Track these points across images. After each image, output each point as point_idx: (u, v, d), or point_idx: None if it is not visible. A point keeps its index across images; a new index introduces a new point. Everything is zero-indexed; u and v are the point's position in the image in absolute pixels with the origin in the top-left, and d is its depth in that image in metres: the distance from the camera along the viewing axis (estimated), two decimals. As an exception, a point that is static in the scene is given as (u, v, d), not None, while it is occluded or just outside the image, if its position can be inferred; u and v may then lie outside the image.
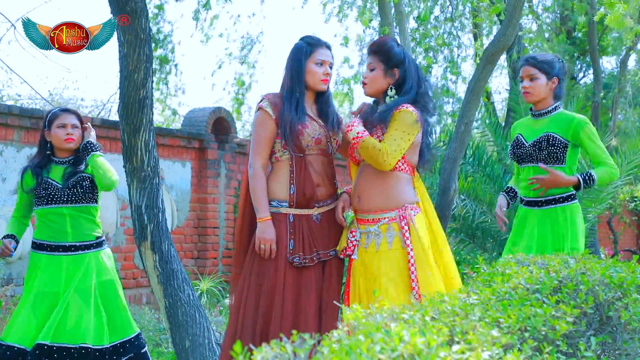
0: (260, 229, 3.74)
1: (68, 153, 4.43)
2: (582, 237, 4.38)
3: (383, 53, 3.78)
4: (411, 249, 3.62)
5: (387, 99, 3.78)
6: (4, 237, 4.37)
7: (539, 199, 4.39)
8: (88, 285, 4.30)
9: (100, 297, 4.32)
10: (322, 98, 3.94)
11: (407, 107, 3.67)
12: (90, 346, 4.20)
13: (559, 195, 4.36)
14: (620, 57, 15.57)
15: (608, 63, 18.02)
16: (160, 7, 9.57)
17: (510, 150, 4.57)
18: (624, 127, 15.40)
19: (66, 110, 4.47)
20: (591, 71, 15.13)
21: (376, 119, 3.71)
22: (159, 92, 10.67)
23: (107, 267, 4.42)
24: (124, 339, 4.36)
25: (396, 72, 3.77)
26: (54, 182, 4.33)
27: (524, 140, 4.46)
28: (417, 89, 3.76)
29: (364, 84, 3.85)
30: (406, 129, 3.63)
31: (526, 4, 11.66)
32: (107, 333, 4.29)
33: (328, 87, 3.95)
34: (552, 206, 4.36)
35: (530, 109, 4.56)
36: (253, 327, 3.69)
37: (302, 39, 3.94)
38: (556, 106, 4.47)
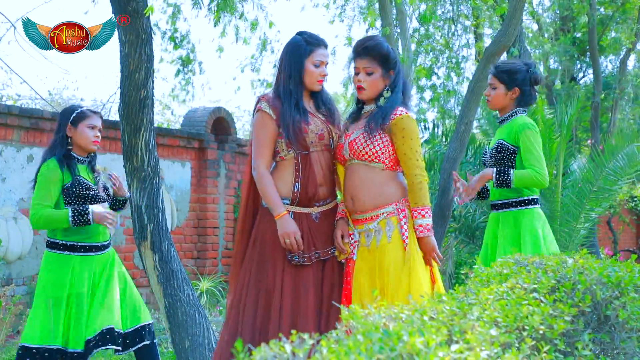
0: (281, 224, 3.70)
1: (85, 152, 4.43)
2: (545, 242, 4.33)
3: (381, 56, 3.77)
4: (407, 240, 3.67)
5: (382, 100, 3.80)
6: (77, 211, 4.18)
7: (496, 202, 4.46)
8: (110, 276, 4.37)
9: (121, 284, 4.40)
10: (317, 92, 3.94)
11: (405, 112, 3.74)
12: (118, 330, 4.26)
13: (512, 200, 4.39)
14: (620, 57, 15.58)
15: (609, 63, 18.01)
16: (176, 7, 9.56)
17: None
18: (624, 127, 15.40)
19: (96, 113, 4.45)
20: (591, 71, 15.13)
21: (376, 125, 3.73)
22: (184, 93, 10.70)
23: (118, 259, 4.51)
24: (145, 323, 4.41)
25: (392, 74, 3.79)
26: (90, 184, 4.33)
27: (487, 148, 4.59)
28: (404, 88, 3.82)
29: (361, 88, 3.80)
30: (414, 134, 3.75)
31: (526, 4, 11.65)
32: (129, 318, 4.36)
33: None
34: (507, 210, 4.41)
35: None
36: (253, 324, 3.70)
37: (299, 34, 3.90)
38: (513, 112, 4.48)
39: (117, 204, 4.54)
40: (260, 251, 3.77)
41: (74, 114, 4.35)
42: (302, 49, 3.82)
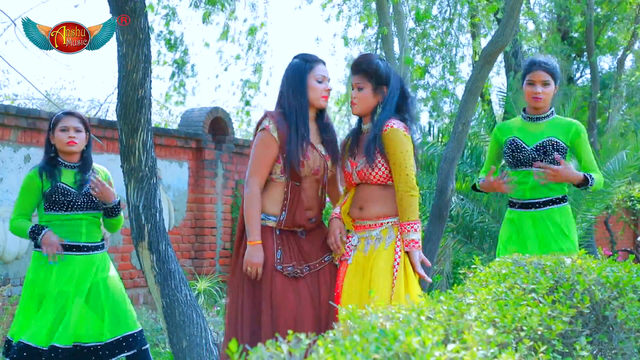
0: (249, 252, 3.72)
1: (75, 157, 4.41)
2: (577, 239, 4.40)
3: (371, 72, 3.78)
4: (400, 250, 3.68)
5: (375, 117, 3.81)
6: (34, 230, 4.27)
7: (535, 201, 4.38)
8: (94, 282, 4.32)
9: (105, 292, 4.34)
10: (322, 120, 3.93)
11: (391, 126, 3.72)
12: (91, 344, 4.23)
13: (554, 197, 4.37)
14: (617, 57, 15.59)
15: (605, 63, 18.03)
16: (172, 9, 9.57)
17: (506, 153, 4.49)
18: (621, 127, 15.41)
19: (69, 114, 4.43)
20: (588, 71, 15.14)
21: (373, 150, 3.72)
22: (177, 95, 10.74)
23: (110, 265, 4.46)
24: (128, 333, 4.37)
25: (384, 90, 3.80)
26: (71, 189, 4.32)
27: (523, 144, 4.42)
28: (400, 101, 3.81)
29: (353, 103, 3.84)
30: (405, 147, 3.70)
31: (524, 4, 11.67)
32: (110, 327, 4.30)
33: (325, 109, 3.95)
34: (549, 207, 4.36)
35: (524, 111, 4.55)
36: (251, 339, 3.68)
37: (297, 57, 3.92)
38: (552, 111, 4.49)
39: (107, 212, 4.42)
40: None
41: (51, 121, 4.40)
42: (302, 67, 3.84)
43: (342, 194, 4.01)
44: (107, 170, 4.67)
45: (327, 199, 4.10)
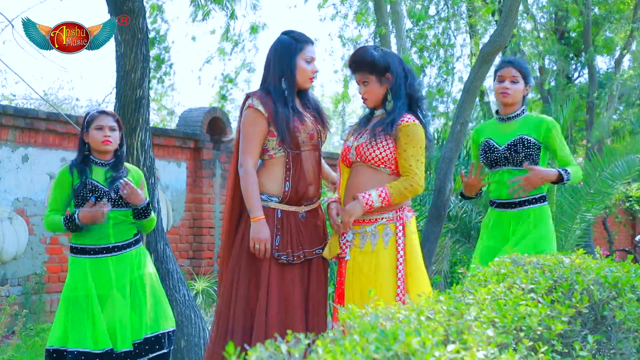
0: (255, 228, 3.68)
1: (108, 155, 4.38)
2: (554, 239, 4.38)
3: (368, 65, 3.76)
4: (402, 249, 3.66)
5: (387, 105, 3.80)
6: (67, 218, 4.23)
7: (513, 201, 4.37)
8: (131, 279, 4.30)
9: (142, 290, 4.31)
10: (303, 93, 3.92)
11: (411, 120, 3.72)
12: (130, 350, 4.21)
13: (532, 197, 4.36)
14: (615, 57, 15.60)
15: (603, 63, 18.04)
16: (158, 7, 9.58)
17: (481, 155, 4.52)
18: (618, 126, 15.44)
19: (104, 112, 4.39)
20: (586, 71, 15.15)
21: (381, 131, 3.71)
22: (153, 92, 10.73)
23: (146, 261, 4.40)
24: (165, 331, 4.33)
25: (389, 77, 3.78)
26: (100, 185, 4.29)
27: (495, 144, 4.45)
28: (406, 88, 3.79)
29: (364, 99, 3.82)
30: (419, 144, 3.71)
31: (521, 4, 11.68)
32: (149, 324, 4.28)
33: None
34: (526, 207, 4.36)
35: (497, 112, 4.58)
36: (244, 321, 3.68)
37: (286, 33, 3.88)
38: (523, 109, 4.50)
39: (135, 213, 4.33)
40: (248, 250, 3.75)
41: (85, 120, 4.35)
42: (292, 47, 3.80)
43: (336, 178, 4.00)
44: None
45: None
